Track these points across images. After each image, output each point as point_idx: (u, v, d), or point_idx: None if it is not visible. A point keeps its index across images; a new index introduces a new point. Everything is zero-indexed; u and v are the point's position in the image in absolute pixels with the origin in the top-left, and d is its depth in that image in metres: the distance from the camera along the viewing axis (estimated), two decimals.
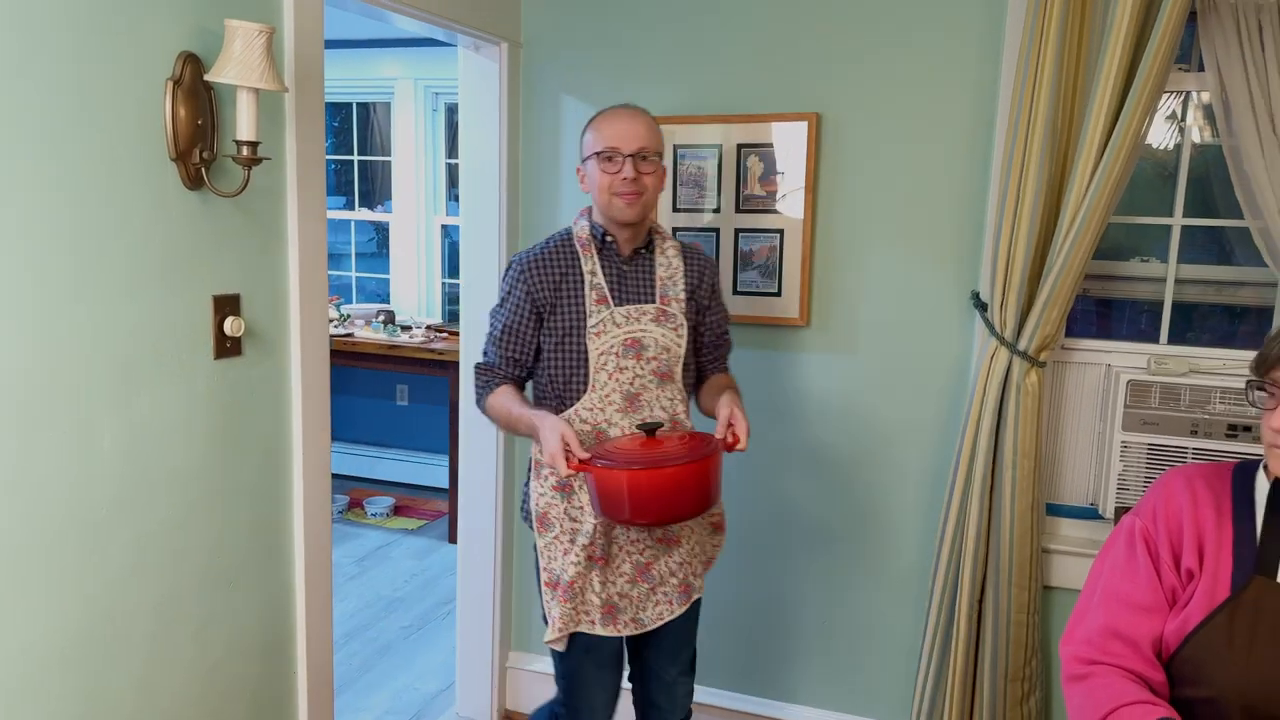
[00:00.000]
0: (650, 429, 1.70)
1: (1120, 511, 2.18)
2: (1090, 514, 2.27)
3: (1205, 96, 2.14)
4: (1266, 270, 2.05)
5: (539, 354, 1.88)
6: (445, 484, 4.49)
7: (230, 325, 1.63)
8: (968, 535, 2.20)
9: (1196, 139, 2.19)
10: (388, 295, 5.04)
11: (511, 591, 2.79)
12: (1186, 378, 2.09)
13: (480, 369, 1.92)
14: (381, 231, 5.23)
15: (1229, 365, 2.12)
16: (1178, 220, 2.19)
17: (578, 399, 1.83)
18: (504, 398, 1.84)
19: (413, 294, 4.98)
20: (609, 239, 1.87)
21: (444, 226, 4.95)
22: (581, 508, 1.84)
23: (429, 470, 4.95)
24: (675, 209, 2.46)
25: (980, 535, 2.19)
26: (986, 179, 2.20)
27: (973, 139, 2.21)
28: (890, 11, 2.24)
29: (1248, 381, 1.26)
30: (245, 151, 1.50)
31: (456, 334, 4.42)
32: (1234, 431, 2.04)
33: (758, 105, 2.36)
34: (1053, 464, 2.29)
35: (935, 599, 2.27)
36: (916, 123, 2.26)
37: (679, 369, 1.87)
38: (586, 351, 1.81)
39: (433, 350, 4.20)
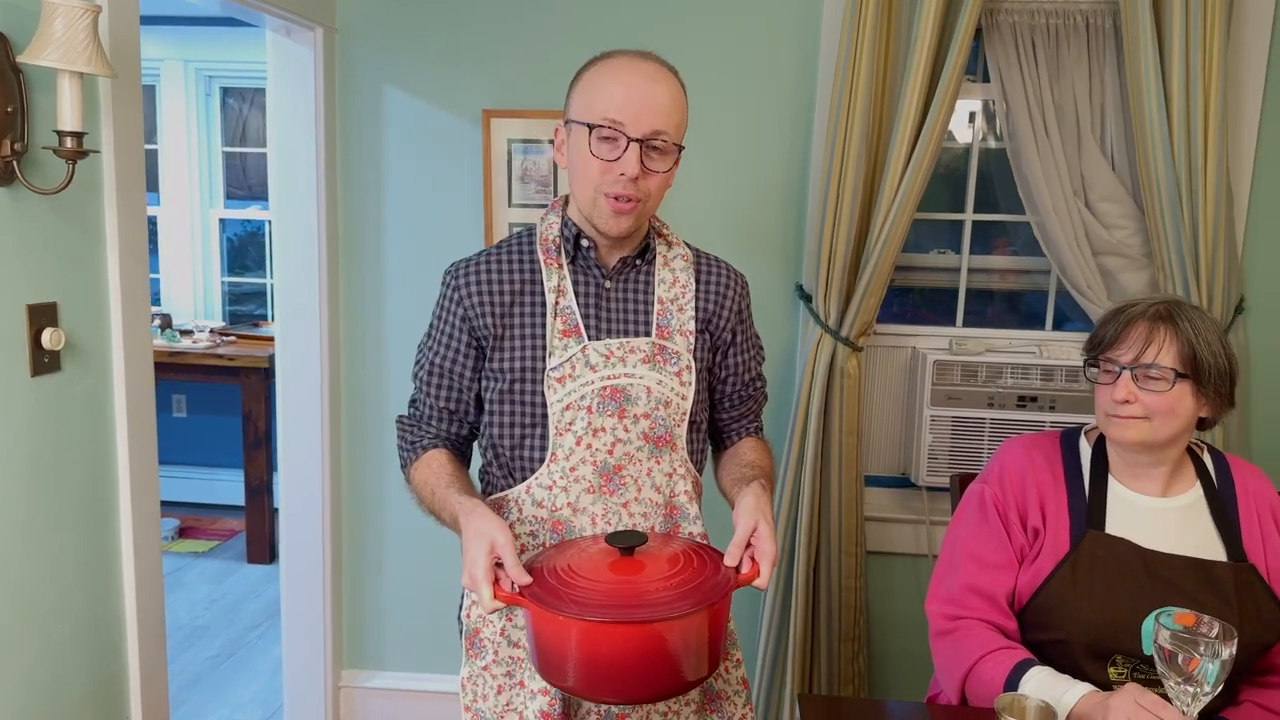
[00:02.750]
0: (627, 546, 1.15)
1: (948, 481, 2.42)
2: (904, 483, 2.51)
3: (991, 104, 2.41)
4: (1044, 259, 2.35)
5: (480, 404, 1.40)
6: (239, 500, 4.17)
7: (48, 338, 1.44)
8: (802, 508, 2.35)
9: (984, 142, 2.47)
10: (158, 296, 4.59)
11: (343, 606, 2.66)
12: (982, 356, 2.35)
13: (403, 424, 1.44)
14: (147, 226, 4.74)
15: (1015, 344, 2.42)
16: (969, 216, 2.46)
17: (530, 472, 1.33)
18: (429, 469, 1.34)
19: (188, 295, 4.57)
20: (586, 243, 1.34)
21: (222, 221, 4.58)
22: (524, 627, 1.33)
23: (217, 487, 4.57)
24: (511, 204, 2.44)
25: (813, 508, 2.36)
26: (806, 180, 2.35)
27: (793, 143, 2.35)
28: (713, 16, 2.34)
29: (1085, 361, 1.44)
30: (70, 143, 1.33)
31: (248, 338, 4.14)
32: (1023, 402, 2.33)
33: None
34: (870, 439, 2.50)
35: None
36: (744, 127, 2.38)
37: (683, 431, 1.36)
38: (544, 404, 1.30)
39: (220, 356, 3.88)
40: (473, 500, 1.24)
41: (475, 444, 1.46)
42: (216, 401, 4.58)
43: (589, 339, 1.32)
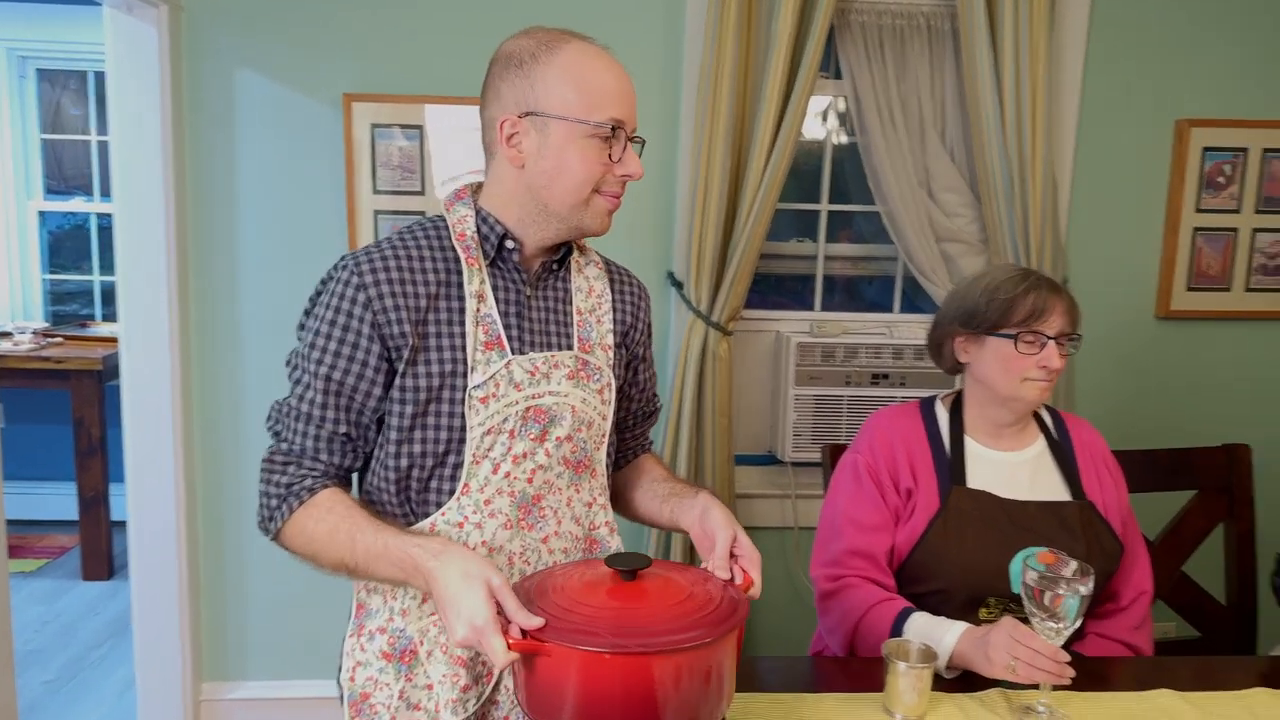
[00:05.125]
0: (629, 570, 1.04)
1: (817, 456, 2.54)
2: (770, 460, 2.62)
3: (843, 101, 2.55)
4: (893, 246, 2.51)
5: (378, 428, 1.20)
6: (71, 514, 3.86)
7: None
8: None
9: (837, 138, 2.61)
10: None
11: (200, 617, 2.52)
12: (840, 338, 2.49)
13: (273, 465, 1.18)
14: None
15: (868, 326, 2.57)
16: (824, 206, 2.59)
17: (437, 506, 1.17)
18: (332, 515, 1.13)
19: (4, 294, 4.18)
20: (510, 244, 1.21)
21: (42, 214, 4.22)
22: (429, 686, 1.17)
23: (45, 501, 4.21)
24: (376, 192, 2.38)
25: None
26: (675, 172, 2.42)
27: (662, 137, 2.40)
28: (583, 11, 2.36)
29: (1018, 335, 1.50)
30: None
31: (76, 339, 3.83)
32: (876, 380, 2.48)
33: (457, 88, 2.35)
34: (739, 420, 2.60)
35: (652, 547, 2.47)
36: None
37: (602, 454, 1.27)
38: (463, 427, 1.15)
39: (47, 359, 3.58)
40: (437, 539, 1.07)
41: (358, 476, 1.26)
42: (41, 408, 4.21)
43: (512, 353, 1.18)
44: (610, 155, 1.16)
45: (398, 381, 1.16)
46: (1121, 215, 2.56)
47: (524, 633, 0.96)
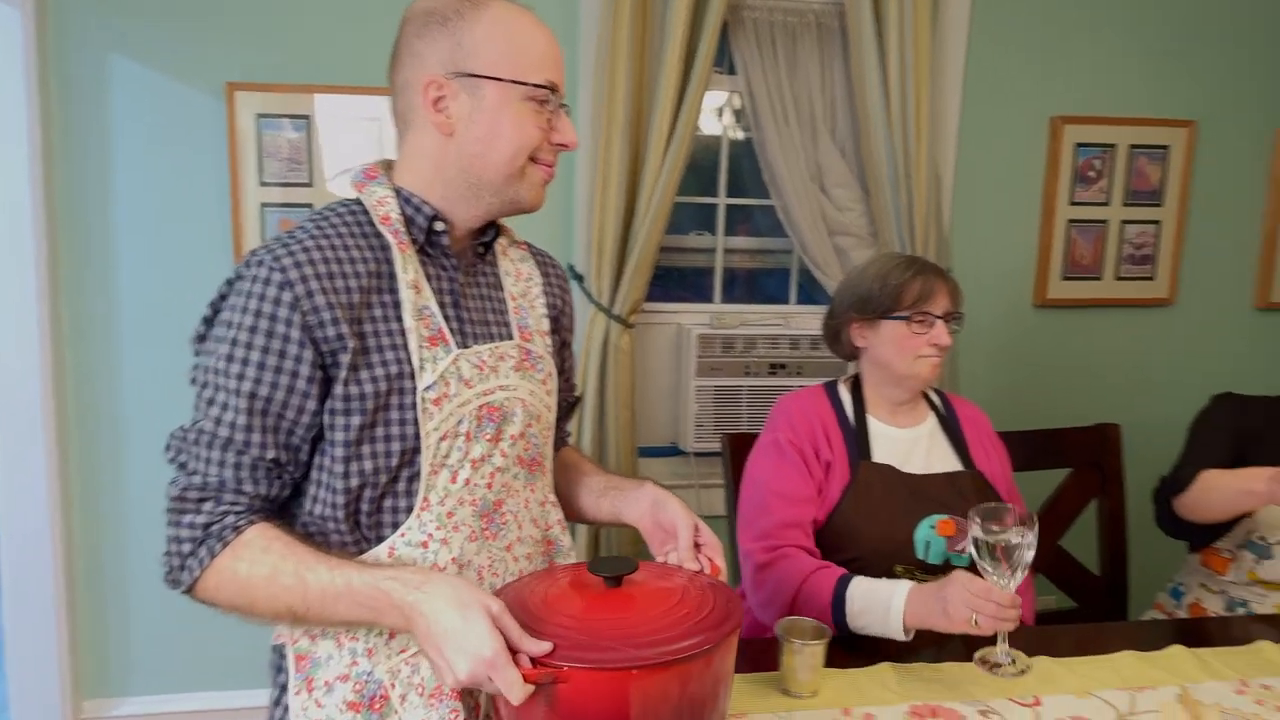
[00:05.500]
0: (615, 575, 0.97)
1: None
2: (673, 452, 2.65)
3: (738, 97, 2.58)
4: (788, 240, 2.57)
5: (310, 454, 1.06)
6: None
7: None
8: None
9: (734, 133, 2.65)
10: None
11: (79, 629, 2.40)
12: (739, 329, 2.53)
13: (184, 504, 1.01)
14: None
15: (766, 317, 2.62)
16: (722, 200, 2.63)
17: (393, 528, 1.06)
18: (278, 554, 0.98)
19: None
20: (440, 226, 1.10)
21: None
22: None
23: None
24: (262, 184, 2.30)
25: None
26: (573, 165, 2.41)
27: None
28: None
29: (910, 316, 1.59)
30: None
31: None
32: (774, 370, 2.53)
33: (347, 76, 2.29)
34: (643, 412, 2.61)
35: (582, 544, 2.46)
36: None
37: (549, 449, 1.22)
38: (417, 435, 1.04)
39: None
40: (411, 569, 0.96)
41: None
42: None
43: (457, 347, 1.08)
44: (546, 121, 1.08)
45: (338, 391, 1.02)
46: (1000, 208, 2.68)
47: (533, 660, 0.87)
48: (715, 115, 2.62)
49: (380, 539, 1.06)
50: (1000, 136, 2.64)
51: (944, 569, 1.58)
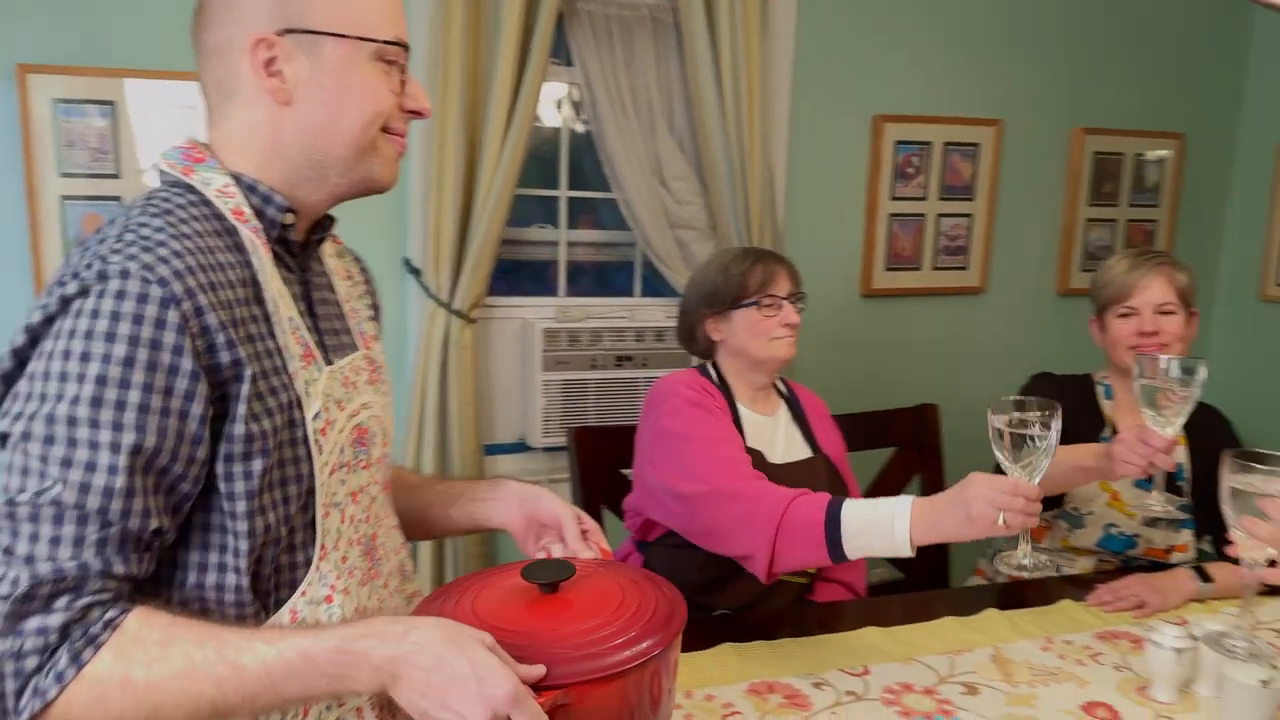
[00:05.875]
0: (551, 581, 0.93)
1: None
2: (521, 448, 2.63)
3: (577, 88, 2.58)
4: (631, 233, 2.59)
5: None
6: None
7: None
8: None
9: (574, 125, 2.64)
10: None
11: None
12: (585, 322, 2.54)
13: (30, 603, 0.77)
14: None
15: (611, 310, 2.64)
16: (564, 192, 2.63)
17: (292, 588, 0.93)
18: (188, 640, 0.79)
19: None
20: (289, 220, 0.96)
21: None
22: None
23: None
24: (60, 175, 2.11)
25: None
26: (408, 155, 2.33)
27: None
28: None
29: (758, 301, 1.66)
30: None
31: None
32: (621, 362, 2.56)
33: (157, 60, 2.14)
34: (491, 409, 2.58)
35: (427, 562, 2.40)
36: None
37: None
38: (311, 474, 0.92)
39: None
40: (385, 619, 0.83)
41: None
42: None
43: (324, 363, 0.96)
44: (398, 84, 0.95)
45: (237, 431, 0.85)
46: (829, 203, 2.80)
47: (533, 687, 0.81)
48: (555, 107, 2.61)
49: (280, 602, 0.91)
50: (828, 134, 2.76)
51: None
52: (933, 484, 2.17)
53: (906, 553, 1.30)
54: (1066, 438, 1.77)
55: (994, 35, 2.88)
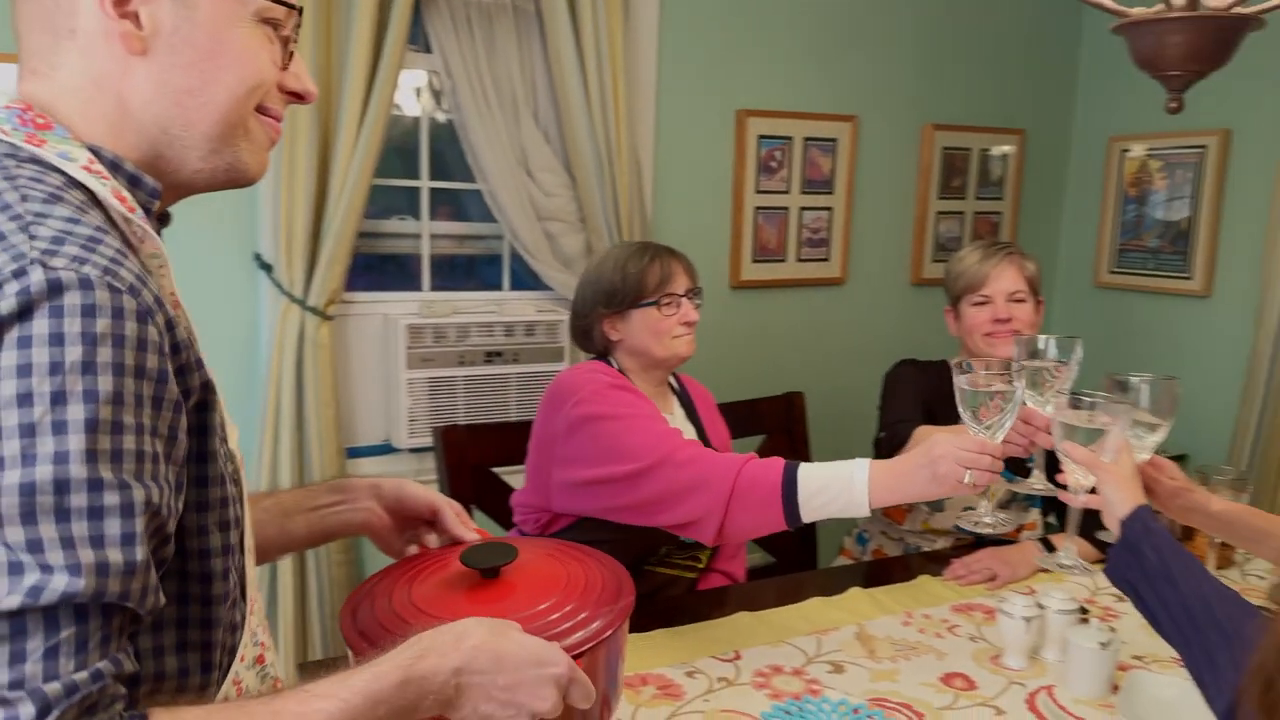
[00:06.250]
0: (493, 566, 0.91)
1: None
2: (386, 449, 2.53)
3: (438, 76, 2.51)
4: (498, 225, 2.54)
5: None
6: None
7: None
8: (280, 487, 2.25)
9: (435, 114, 2.56)
10: None
11: None
12: (451, 318, 2.47)
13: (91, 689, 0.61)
14: None
15: (479, 304, 2.58)
16: (425, 183, 2.55)
17: (231, 654, 0.79)
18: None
19: None
20: (158, 209, 0.80)
21: None
22: None
23: None
24: None
25: (294, 485, 2.26)
26: None
27: None
28: None
29: (657, 301, 1.64)
30: None
31: None
32: (490, 358, 2.50)
33: None
34: (353, 409, 2.48)
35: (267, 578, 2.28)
36: None
37: None
38: (242, 512, 0.81)
39: None
40: (424, 634, 0.77)
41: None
42: None
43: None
44: (282, 57, 0.80)
45: (211, 473, 0.73)
46: (697, 195, 2.83)
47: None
48: (414, 95, 2.53)
49: (223, 676, 0.77)
50: (693, 127, 2.78)
51: (695, 546, 1.66)
52: None
53: (864, 513, 1.30)
54: (929, 421, 1.86)
55: (849, 34, 2.97)
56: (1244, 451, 2.80)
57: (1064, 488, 1.23)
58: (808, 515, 1.32)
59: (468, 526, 1.05)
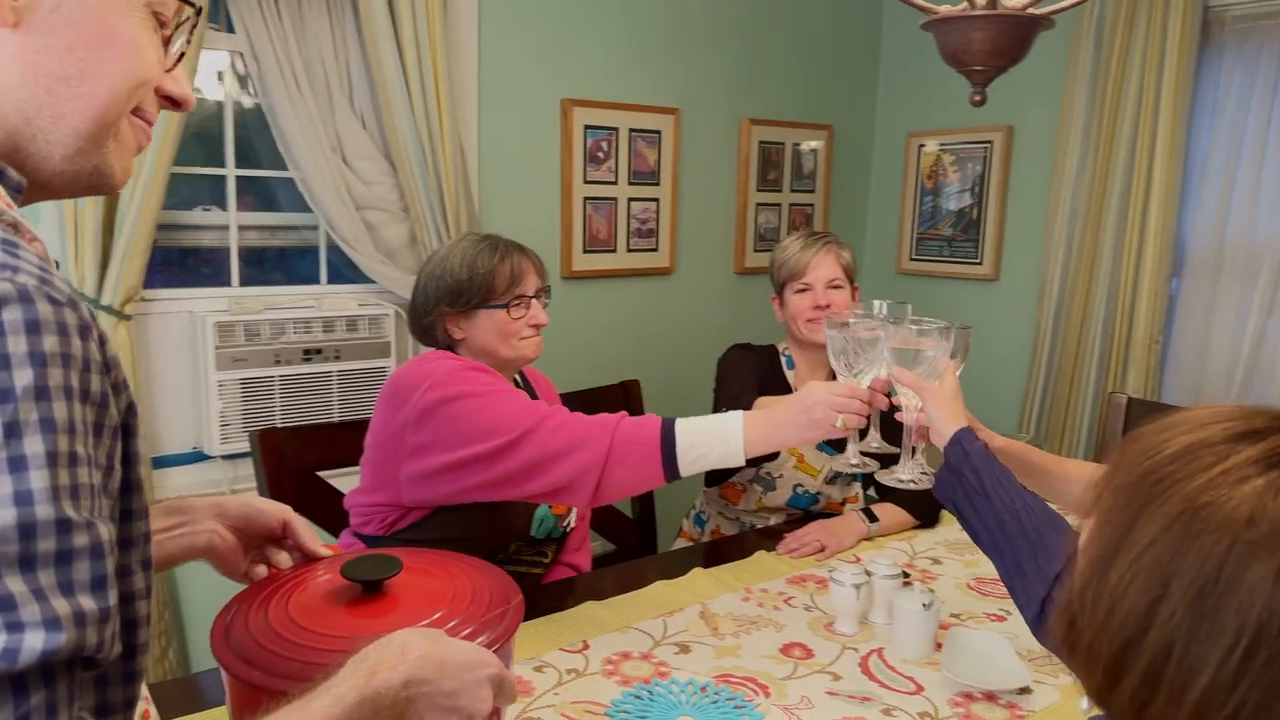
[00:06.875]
0: (377, 579, 0.89)
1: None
2: (197, 458, 2.35)
3: (243, 59, 2.34)
4: (313, 215, 2.41)
5: None
6: None
7: None
8: None
9: (241, 99, 2.39)
10: None
11: None
12: (264, 314, 2.32)
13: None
14: None
15: (295, 299, 2.44)
16: (231, 171, 2.38)
17: (127, 709, 0.72)
18: None
19: None
20: (18, 206, 0.70)
21: None
22: None
23: None
24: None
25: None
26: None
27: None
28: None
29: (506, 304, 1.58)
30: None
31: None
32: (309, 356, 2.37)
33: None
34: (156, 417, 2.28)
35: None
36: None
37: None
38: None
39: None
40: (367, 651, 0.74)
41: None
42: None
43: None
44: (167, 58, 0.72)
45: (137, 505, 0.67)
46: (526, 185, 2.80)
47: None
48: (216, 78, 2.35)
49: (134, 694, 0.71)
50: (518, 115, 2.74)
51: (545, 541, 1.65)
52: None
53: (740, 462, 1.35)
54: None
55: (670, 27, 3.03)
56: (1031, 419, 3.09)
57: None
58: (686, 468, 1.35)
59: (318, 541, 1.02)
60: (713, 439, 1.34)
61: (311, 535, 1.01)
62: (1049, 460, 1.40)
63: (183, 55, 0.74)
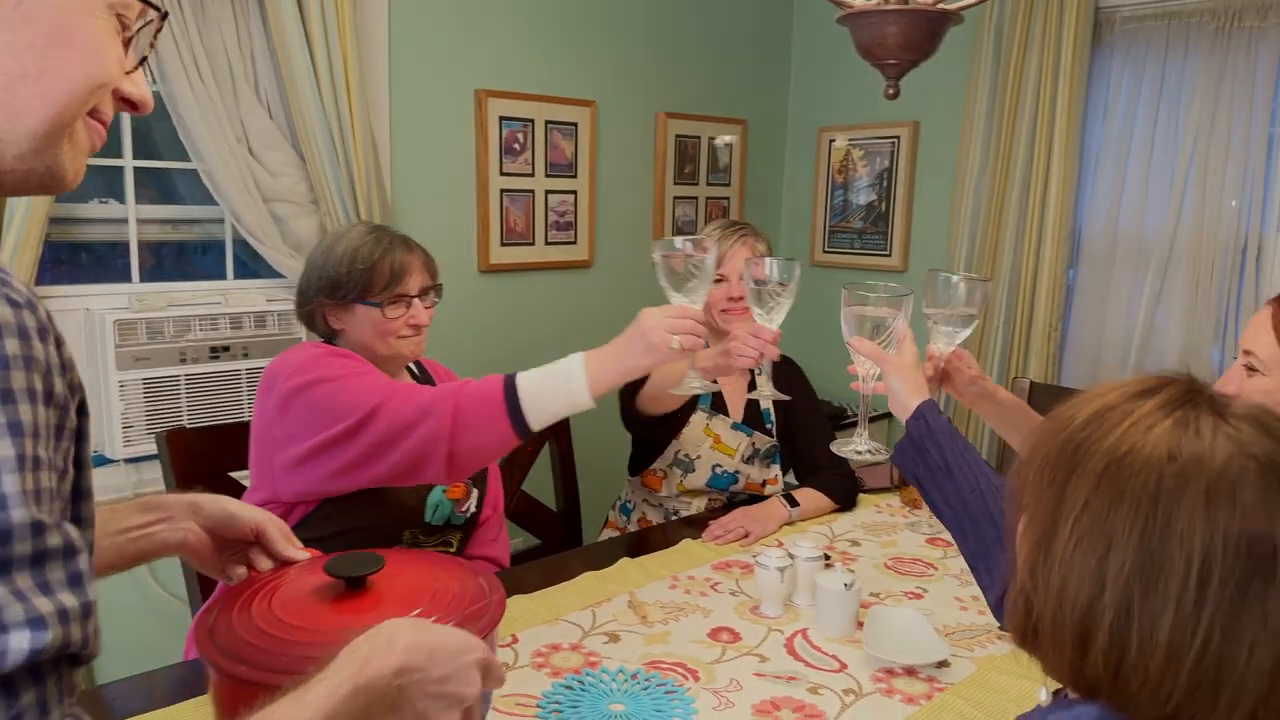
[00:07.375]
0: (360, 575, 0.91)
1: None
2: (99, 461, 2.24)
3: None
4: (218, 208, 2.32)
5: None
6: None
7: None
8: None
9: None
10: None
11: None
12: (167, 311, 2.22)
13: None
14: None
15: (200, 295, 2.35)
16: (129, 162, 2.27)
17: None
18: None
19: None
20: None
21: None
22: None
23: None
24: None
25: None
26: None
27: None
28: None
29: (382, 302, 1.52)
30: None
31: None
32: (216, 353, 2.28)
33: None
34: None
35: None
36: None
37: None
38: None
39: None
40: (358, 642, 0.75)
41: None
42: None
43: None
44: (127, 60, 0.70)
45: (85, 513, 0.65)
46: (440, 177, 2.75)
47: None
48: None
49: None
50: (432, 105, 2.69)
51: (444, 528, 1.62)
52: (564, 449, 2.23)
53: (589, 404, 1.31)
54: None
55: (587, 19, 3.02)
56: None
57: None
58: (535, 421, 1.30)
59: (295, 545, 1.02)
60: (556, 384, 1.31)
61: (289, 541, 1.01)
62: None
63: (144, 59, 0.72)
